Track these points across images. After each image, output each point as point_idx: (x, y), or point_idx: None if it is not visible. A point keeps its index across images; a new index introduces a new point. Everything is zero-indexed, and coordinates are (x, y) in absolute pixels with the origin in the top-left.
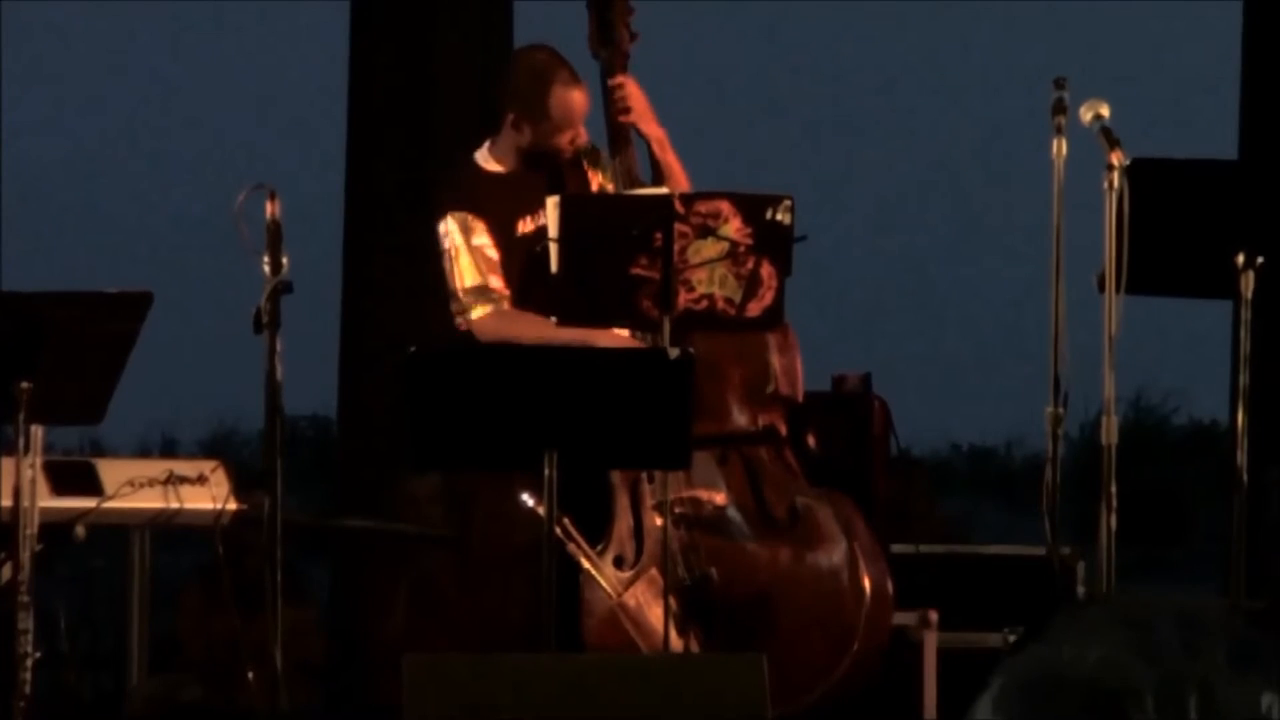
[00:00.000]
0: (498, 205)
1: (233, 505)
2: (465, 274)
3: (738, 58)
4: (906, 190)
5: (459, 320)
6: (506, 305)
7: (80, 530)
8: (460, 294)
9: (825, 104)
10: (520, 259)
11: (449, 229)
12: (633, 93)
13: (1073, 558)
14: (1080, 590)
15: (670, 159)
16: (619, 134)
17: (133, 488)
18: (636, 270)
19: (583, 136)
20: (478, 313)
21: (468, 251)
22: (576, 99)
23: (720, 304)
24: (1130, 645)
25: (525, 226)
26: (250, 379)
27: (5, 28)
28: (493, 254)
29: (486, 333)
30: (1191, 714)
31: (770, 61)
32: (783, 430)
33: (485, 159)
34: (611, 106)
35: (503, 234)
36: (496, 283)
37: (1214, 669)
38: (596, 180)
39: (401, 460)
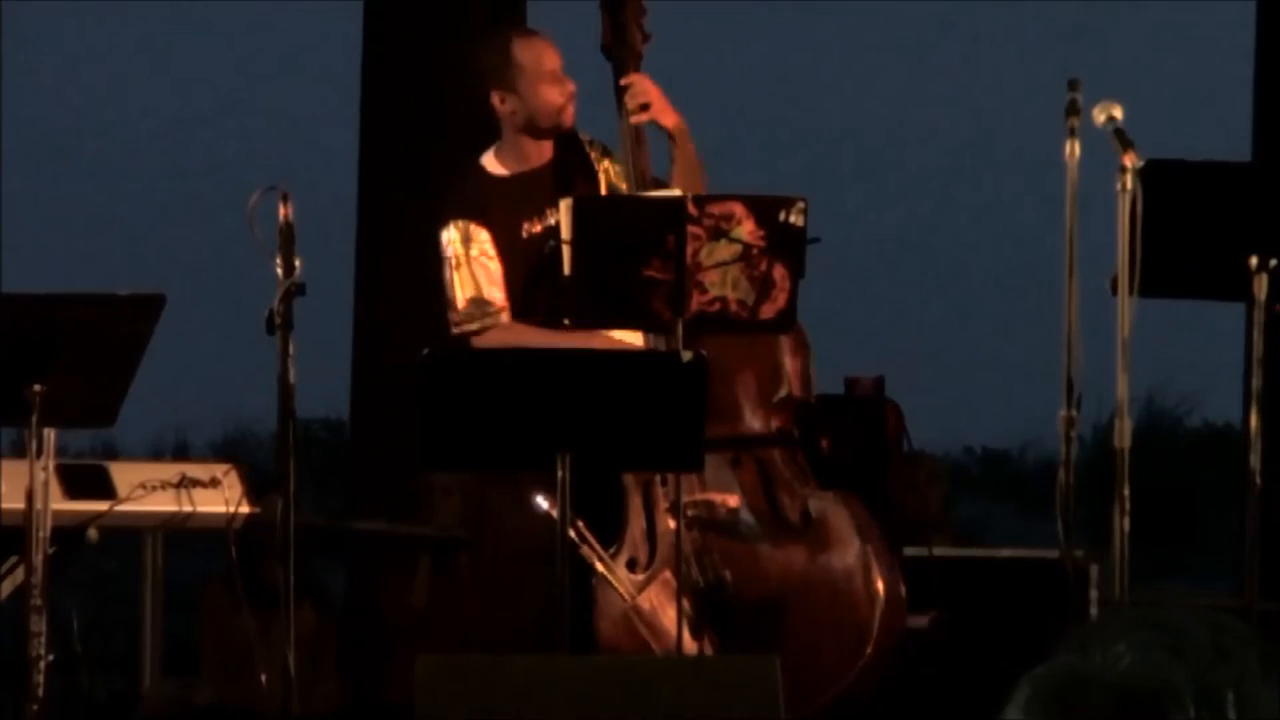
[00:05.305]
0: (502, 210)
1: (245, 508)
2: (464, 286)
3: (749, 59)
4: (921, 193)
5: (453, 330)
6: (505, 318)
7: (93, 533)
8: (458, 306)
9: (837, 106)
10: (526, 262)
11: (450, 238)
12: (648, 89)
13: (1086, 560)
14: (1094, 594)
15: (690, 149)
16: (632, 134)
17: (145, 490)
18: (649, 272)
19: (569, 86)
20: (476, 328)
21: (467, 262)
22: (539, 45)
23: (733, 306)
24: (1163, 647)
25: (533, 228)
26: (263, 381)
27: (12, 28)
28: (494, 265)
29: (487, 348)
30: (1230, 713)
31: (782, 63)
32: (796, 433)
33: (491, 162)
34: (624, 107)
35: (507, 239)
36: (496, 295)
37: (1247, 671)
38: (604, 169)
39: (415, 462)
